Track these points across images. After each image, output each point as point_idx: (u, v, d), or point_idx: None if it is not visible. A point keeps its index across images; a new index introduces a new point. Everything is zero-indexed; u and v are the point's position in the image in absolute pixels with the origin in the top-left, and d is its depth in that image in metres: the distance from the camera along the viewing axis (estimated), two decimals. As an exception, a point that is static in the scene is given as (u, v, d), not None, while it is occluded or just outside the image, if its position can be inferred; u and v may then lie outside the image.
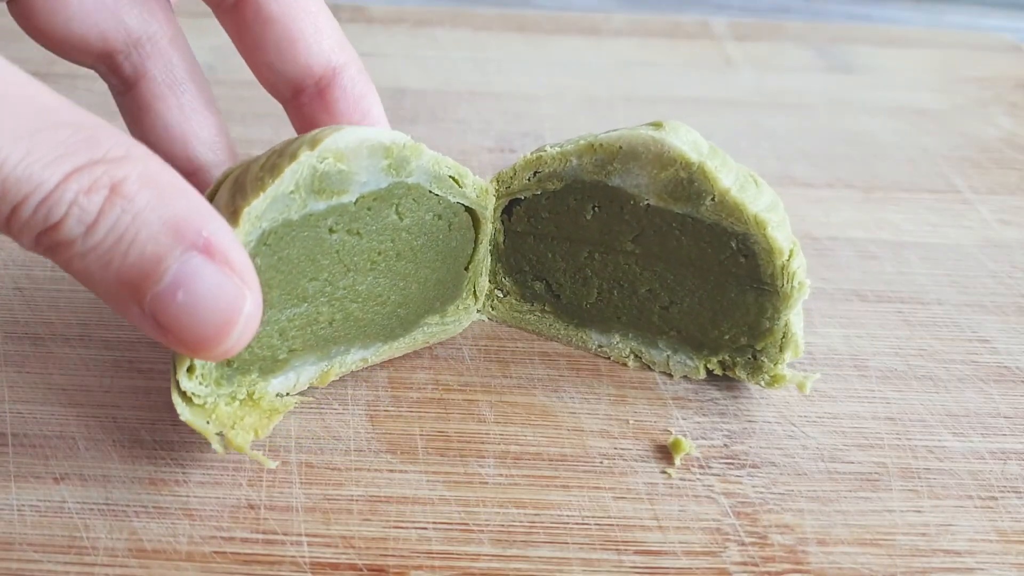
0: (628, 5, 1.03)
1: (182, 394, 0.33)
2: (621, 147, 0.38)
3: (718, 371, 0.41)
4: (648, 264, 0.41)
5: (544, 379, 0.41)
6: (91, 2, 0.36)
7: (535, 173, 0.41)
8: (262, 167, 0.34)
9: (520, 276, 0.44)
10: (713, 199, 0.37)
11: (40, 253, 0.26)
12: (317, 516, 0.34)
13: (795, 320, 0.39)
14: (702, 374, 0.41)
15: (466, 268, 0.43)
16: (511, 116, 0.68)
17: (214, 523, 0.33)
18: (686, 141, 0.37)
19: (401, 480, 0.36)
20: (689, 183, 0.37)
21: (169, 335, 0.26)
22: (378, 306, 0.39)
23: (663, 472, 0.37)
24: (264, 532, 0.33)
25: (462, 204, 0.40)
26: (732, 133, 0.67)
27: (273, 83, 0.40)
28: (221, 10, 0.38)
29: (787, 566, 0.33)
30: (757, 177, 0.39)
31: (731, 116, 0.70)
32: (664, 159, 0.37)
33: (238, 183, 0.34)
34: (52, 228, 0.25)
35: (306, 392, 0.39)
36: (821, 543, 0.34)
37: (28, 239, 0.26)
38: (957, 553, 0.34)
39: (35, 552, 0.32)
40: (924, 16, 1.03)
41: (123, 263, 0.25)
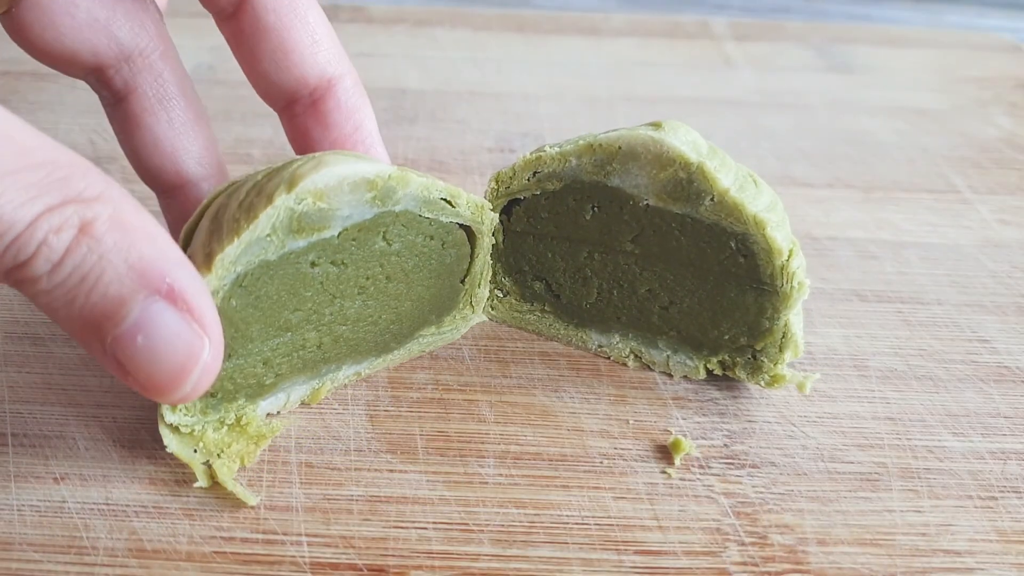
0: (628, 5, 1.03)
1: (168, 424, 0.34)
2: (620, 147, 0.38)
3: (718, 371, 0.41)
4: (648, 264, 0.41)
5: (544, 379, 0.41)
6: (83, 18, 0.36)
7: (535, 173, 0.41)
8: (240, 204, 0.32)
9: (520, 276, 0.44)
10: (712, 199, 0.37)
11: (10, 285, 0.26)
12: (317, 516, 0.34)
13: (795, 320, 0.39)
14: (702, 374, 0.41)
15: (462, 281, 0.42)
16: (511, 116, 0.68)
17: (214, 523, 0.33)
18: (685, 141, 0.37)
19: (401, 480, 0.36)
20: (688, 183, 0.37)
21: (130, 378, 0.27)
22: (369, 326, 0.38)
23: (663, 472, 0.37)
24: (264, 532, 0.33)
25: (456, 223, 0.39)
26: (732, 133, 0.67)
27: (268, 92, 0.40)
28: (221, 18, 0.39)
29: (787, 566, 0.33)
30: (756, 177, 0.39)
31: (731, 116, 0.70)
32: (663, 159, 0.37)
33: (216, 220, 0.33)
34: (21, 265, 0.25)
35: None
36: (821, 543, 0.34)
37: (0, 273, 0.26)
38: (957, 553, 0.34)
39: (35, 552, 0.32)
40: (924, 16, 1.03)
41: (86, 302, 0.26)
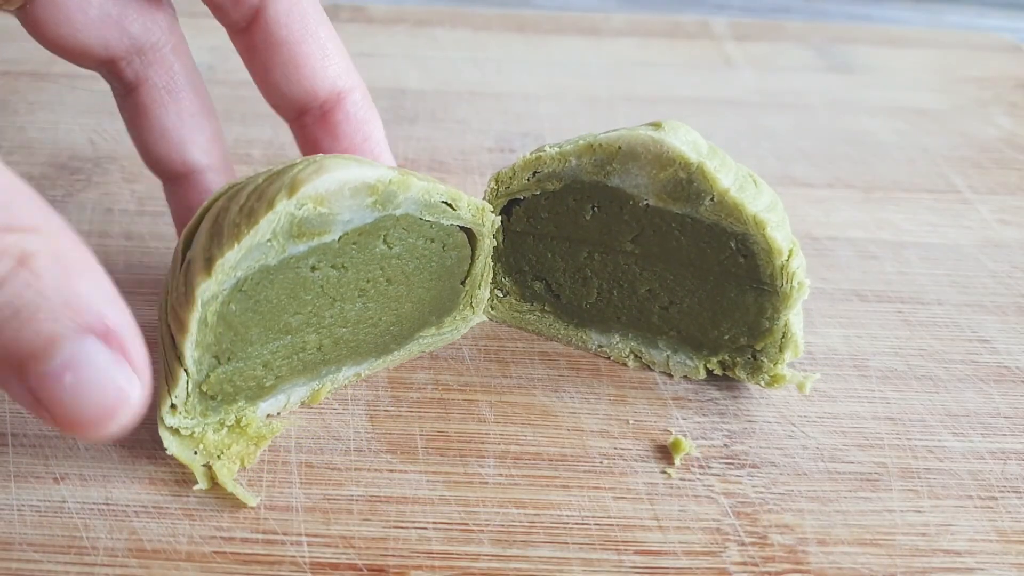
0: (628, 5, 1.03)
1: (168, 427, 0.34)
2: (620, 147, 0.38)
3: (718, 371, 0.41)
4: (648, 264, 0.41)
5: (544, 379, 0.41)
6: (95, 14, 0.37)
7: (534, 173, 0.41)
8: (241, 209, 0.32)
9: (520, 276, 0.44)
10: (712, 199, 0.37)
11: None
12: (317, 516, 0.34)
13: (795, 320, 0.39)
14: (702, 374, 0.41)
15: (462, 283, 0.42)
16: (511, 116, 0.68)
17: (214, 523, 0.33)
18: (685, 141, 0.37)
19: (401, 480, 0.36)
20: (688, 183, 0.37)
21: (45, 413, 0.25)
22: (370, 328, 0.39)
23: (663, 472, 0.37)
24: (264, 532, 0.33)
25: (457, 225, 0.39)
26: (732, 133, 0.67)
27: (279, 103, 0.41)
28: (233, 31, 0.39)
29: (787, 566, 0.33)
30: (756, 177, 0.39)
31: (731, 116, 0.70)
32: (663, 159, 0.37)
33: (216, 224, 0.33)
34: None
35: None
36: (821, 543, 0.34)
37: None
38: (957, 553, 0.34)
39: (35, 552, 0.32)
40: (924, 16, 1.03)
41: (15, 335, 0.24)
